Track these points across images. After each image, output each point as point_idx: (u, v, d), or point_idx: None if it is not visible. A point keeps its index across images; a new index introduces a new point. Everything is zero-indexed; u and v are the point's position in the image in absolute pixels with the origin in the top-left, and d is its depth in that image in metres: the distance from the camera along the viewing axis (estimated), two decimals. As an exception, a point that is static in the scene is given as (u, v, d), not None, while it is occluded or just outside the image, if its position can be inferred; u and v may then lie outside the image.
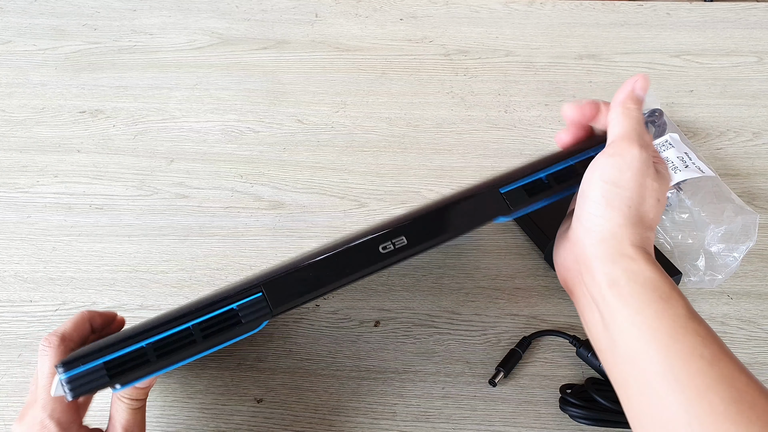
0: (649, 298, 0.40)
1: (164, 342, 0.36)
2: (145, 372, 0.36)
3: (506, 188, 0.45)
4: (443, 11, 0.91)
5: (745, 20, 0.89)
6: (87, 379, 0.34)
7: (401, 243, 0.41)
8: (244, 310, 0.38)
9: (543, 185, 0.46)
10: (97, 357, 0.35)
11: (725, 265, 0.59)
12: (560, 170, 0.46)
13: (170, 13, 0.92)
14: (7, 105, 0.79)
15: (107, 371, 0.35)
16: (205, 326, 0.37)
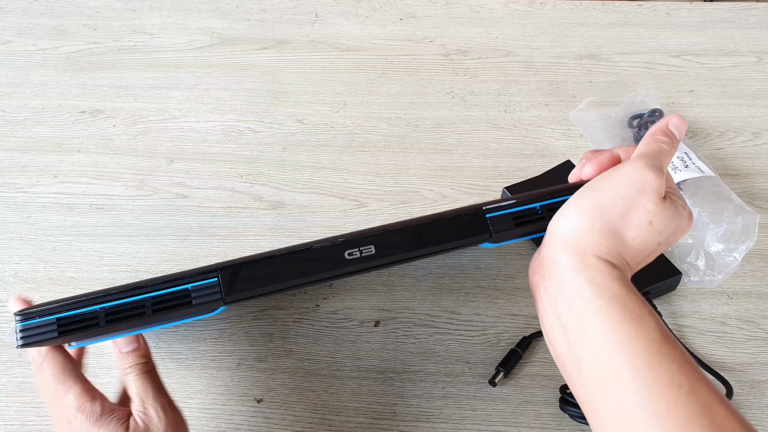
0: (618, 317, 0.37)
1: (116, 309, 0.36)
2: (92, 335, 0.37)
3: (493, 213, 0.42)
4: (443, 11, 0.91)
5: (745, 20, 0.89)
6: (38, 331, 0.36)
7: (369, 252, 0.39)
8: (197, 292, 0.37)
9: (535, 216, 0.42)
10: (52, 313, 0.36)
11: (725, 265, 0.59)
12: (557, 203, 0.42)
13: (170, 13, 0.92)
14: (7, 105, 0.79)
15: (58, 327, 0.36)
16: (157, 301, 0.37)
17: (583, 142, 0.74)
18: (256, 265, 0.38)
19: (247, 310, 0.60)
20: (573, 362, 0.38)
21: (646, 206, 0.39)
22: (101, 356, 0.57)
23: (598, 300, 0.37)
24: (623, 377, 0.35)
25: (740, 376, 0.55)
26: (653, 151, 0.42)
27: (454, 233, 0.41)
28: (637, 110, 0.73)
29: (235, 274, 0.38)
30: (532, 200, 0.42)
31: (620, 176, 0.40)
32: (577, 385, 0.38)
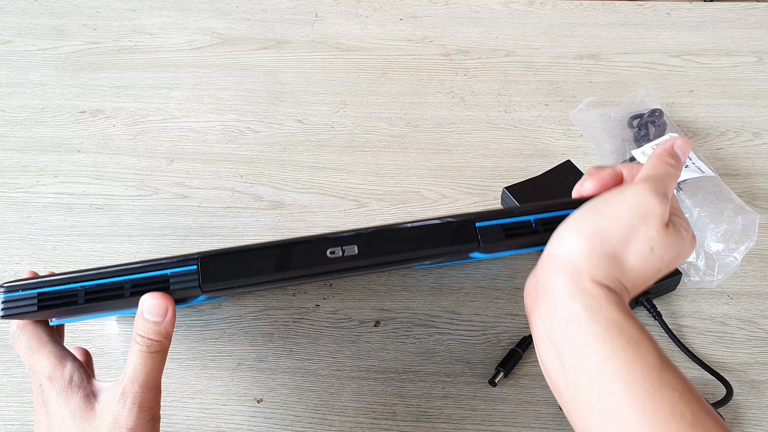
0: (616, 343, 0.35)
1: (96, 289, 0.36)
2: (72, 312, 0.37)
3: (483, 223, 0.40)
4: (443, 11, 0.91)
5: (745, 20, 0.89)
6: (19, 304, 0.36)
7: (351, 252, 0.38)
8: (175, 278, 0.37)
9: (528, 230, 0.41)
10: (34, 287, 0.36)
11: (725, 265, 0.59)
12: (553, 217, 0.41)
13: (170, 13, 0.92)
14: (7, 105, 0.79)
15: (38, 302, 0.36)
16: (136, 284, 0.37)
17: (583, 142, 0.74)
18: (236, 256, 0.37)
19: (248, 310, 0.60)
20: (569, 390, 0.37)
21: (648, 233, 0.38)
22: (101, 356, 0.57)
23: (595, 326, 0.36)
24: (622, 408, 0.34)
25: (740, 376, 0.55)
26: (659, 174, 0.40)
27: (442, 240, 0.39)
28: (637, 110, 0.73)
29: (215, 263, 0.37)
30: (527, 212, 0.41)
31: (623, 200, 0.38)
32: (574, 413, 0.37)
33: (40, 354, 0.39)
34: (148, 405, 0.38)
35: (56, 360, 0.39)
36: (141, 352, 0.38)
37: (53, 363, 0.39)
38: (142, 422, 0.38)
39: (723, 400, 0.52)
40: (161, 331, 0.37)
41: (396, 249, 0.39)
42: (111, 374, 0.56)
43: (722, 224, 0.59)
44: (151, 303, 0.37)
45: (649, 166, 0.42)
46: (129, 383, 0.38)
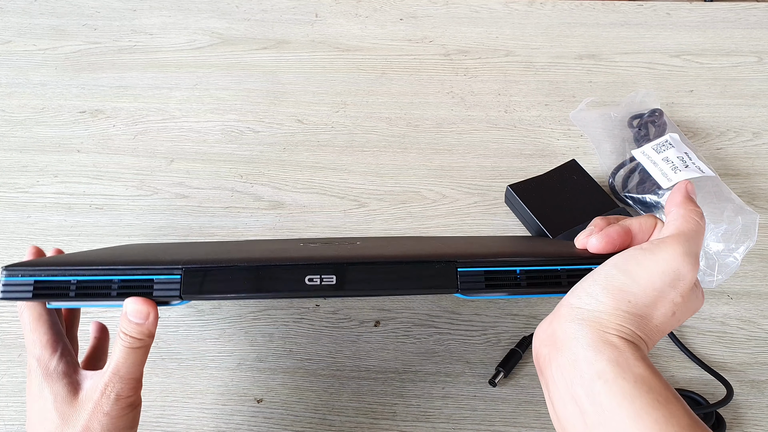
0: (645, 401, 0.34)
1: (86, 284, 0.39)
2: (62, 301, 0.40)
3: (465, 268, 0.40)
4: (443, 11, 0.91)
5: (745, 20, 0.89)
6: (17, 288, 0.38)
7: (329, 281, 0.39)
8: (159, 285, 0.39)
9: (511, 280, 0.40)
10: (32, 274, 0.39)
11: (725, 265, 0.59)
12: (540, 271, 0.40)
13: (170, 13, 0.92)
14: (7, 105, 0.79)
15: (33, 290, 0.39)
16: (123, 285, 0.39)
17: (583, 142, 0.74)
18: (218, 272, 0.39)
19: (248, 310, 0.60)
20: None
21: (675, 299, 0.37)
22: (101, 356, 0.57)
23: (623, 382, 0.34)
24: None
25: (740, 376, 0.55)
26: (690, 232, 0.39)
27: (421, 281, 0.40)
28: (637, 110, 0.73)
29: (199, 276, 0.39)
30: (514, 262, 0.40)
31: (656, 265, 0.37)
32: None
33: (35, 334, 0.42)
34: (125, 394, 0.40)
35: (47, 344, 0.41)
36: (124, 348, 0.40)
37: (44, 346, 0.41)
38: (119, 409, 0.40)
39: (723, 400, 0.52)
40: (143, 331, 0.40)
41: (373, 285, 0.39)
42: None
43: (722, 224, 0.59)
44: (134, 307, 0.39)
45: (677, 221, 0.40)
46: (111, 374, 0.40)
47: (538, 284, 0.40)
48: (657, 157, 0.66)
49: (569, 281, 0.39)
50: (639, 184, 0.65)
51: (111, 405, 0.40)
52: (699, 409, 0.51)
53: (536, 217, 0.62)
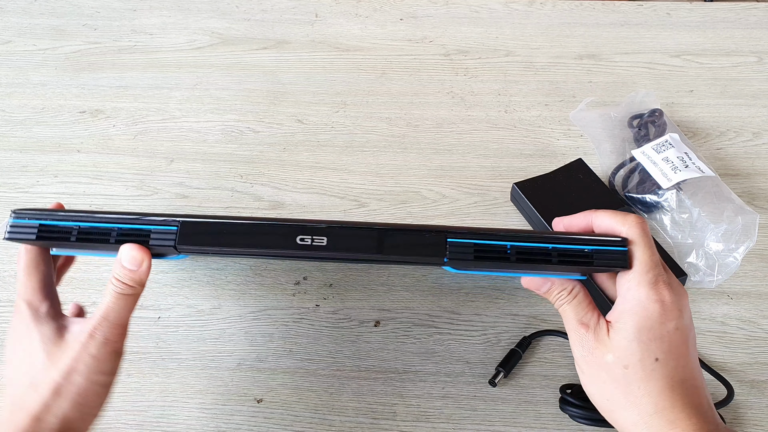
0: None
1: (87, 231, 0.40)
2: (62, 246, 0.41)
3: (455, 239, 0.40)
4: (443, 11, 0.91)
5: (745, 20, 0.89)
6: (22, 230, 0.40)
7: (320, 242, 0.39)
8: (155, 235, 0.40)
9: (501, 255, 0.40)
10: (38, 218, 0.40)
11: (725, 265, 0.59)
12: (531, 248, 0.40)
13: (170, 13, 0.92)
14: (7, 105, 0.79)
15: (37, 232, 0.40)
16: (121, 233, 0.40)
17: (583, 142, 0.74)
18: (213, 226, 0.40)
19: (248, 310, 0.60)
20: None
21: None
22: (101, 356, 0.57)
23: None
24: None
25: (740, 376, 0.55)
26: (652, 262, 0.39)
27: (411, 248, 0.40)
28: (637, 110, 0.73)
29: (193, 229, 0.40)
30: (505, 237, 0.40)
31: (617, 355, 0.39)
32: None
33: (29, 278, 0.42)
34: (112, 339, 0.41)
35: (40, 289, 0.42)
36: (114, 293, 0.41)
37: (35, 290, 0.42)
38: (105, 353, 0.41)
39: (724, 401, 0.52)
40: (135, 278, 0.41)
41: (363, 248, 0.40)
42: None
43: (722, 224, 0.59)
44: (129, 253, 0.40)
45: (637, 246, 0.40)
46: (100, 318, 0.41)
47: (528, 260, 0.40)
48: (657, 157, 0.66)
49: (560, 259, 0.40)
50: (639, 184, 0.65)
51: (98, 348, 0.41)
52: (699, 409, 0.51)
53: (542, 216, 0.62)
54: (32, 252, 0.43)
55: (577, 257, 0.40)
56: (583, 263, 0.40)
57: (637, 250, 0.39)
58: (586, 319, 0.40)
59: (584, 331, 0.40)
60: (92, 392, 0.41)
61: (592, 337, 0.40)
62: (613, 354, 0.38)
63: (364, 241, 0.40)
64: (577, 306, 0.41)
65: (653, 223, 0.64)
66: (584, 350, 0.40)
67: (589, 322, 0.40)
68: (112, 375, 0.42)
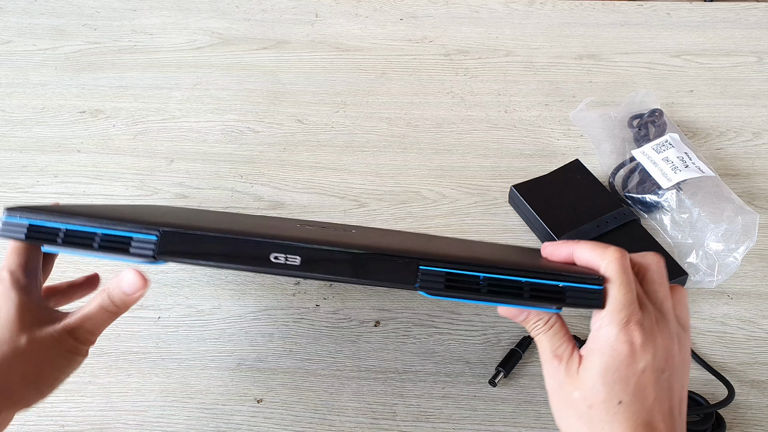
0: None
1: (72, 234, 0.41)
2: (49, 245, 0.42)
3: (427, 267, 0.40)
4: (443, 11, 0.91)
5: (745, 20, 0.89)
6: (13, 228, 0.41)
7: (294, 261, 0.40)
8: (136, 243, 0.41)
9: (472, 285, 0.40)
10: (28, 217, 0.41)
11: (725, 265, 0.59)
12: (503, 280, 0.40)
13: (170, 13, 0.92)
14: (7, 105, 0.79)
15: (27, 232, 0.41)
16: (104, 239, 0.41)
17: (583, 142, 0.74)
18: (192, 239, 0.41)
19: (248, 310, 0.60)
20: None
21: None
22: (101, 356, 0.57)
23: None
24: None
25: (740, 376, 0.55)
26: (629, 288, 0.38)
27: (383, 273, 0.40)
28: (637, 110, 0.73)
29: (174, 239, 0.41)
30: (478, 268, 0.40)
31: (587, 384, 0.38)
32: None
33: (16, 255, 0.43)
34: (82, 339, 0.42)
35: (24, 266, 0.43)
36: (100, 306, 0.42)
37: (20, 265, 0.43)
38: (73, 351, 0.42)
39: (724, 401, 0.52)
40: (126, 301, 0.43)
41: (335, 271, 0.40)
42: (112, 374, 0.56)
43: (722, 224, 0.59)
44: (130, 279, 0.42)
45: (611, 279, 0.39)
46: (79, 320, 0.42)
47: (500, 293, 0.40)
48: (657, 157, 0.66)
49: (531, 294, 0.39)
50: (639, 184, 0.65)
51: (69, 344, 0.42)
52: (699, 410, 0.51)
53: (540, 218, 0.62)
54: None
55: (549, 293, 0.39)
56: (555, 300, 0.39)
57: (612, 289, 0.38)
58: (560, 351, 0.40)
59: (556, 364, 0.39)
60: (46, 377, 0.42)
61: (563, 370, 0.39)
62: (579, 392, 0.38)
63: (336, 263, 0.40)
64: (553, 337, 0.40)
65: (653, 223, 0.64)
66: (555, 383, 0.40)
67: (563, 354, 0.40)
68: (67, 374, 0.43)
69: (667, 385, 0.38)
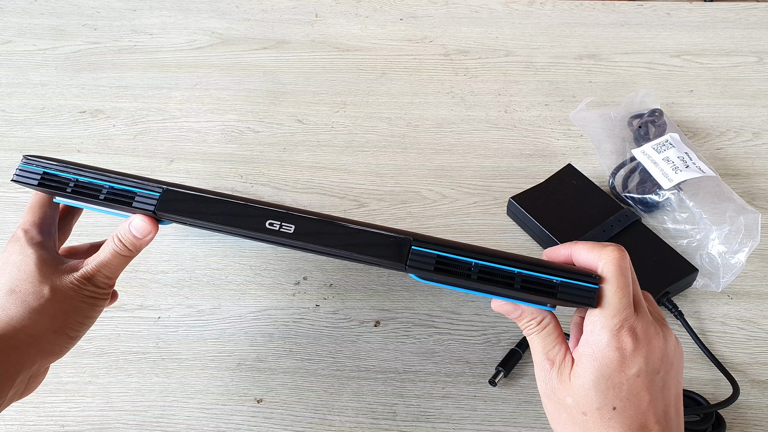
0: None
1: (81, 185, 0.44)
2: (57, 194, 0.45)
3: (419, 247, 0.40)
4: (443, 11, 0.91)
5: (745, 20, 0.89)
6: (27, 175, 0.45)
7: (288, 229, 0.41)
8: (140, 197, 0.43)
9: (462, 270, 0.39)
10: (43, 166, 0.45)
11: (730, 266, 0.58)
12: (496, 269, 0.39)
13: (170, 13, 0.92)
14: (7, 105, 0.79)
15: (40, 179, 0.44)
16: (110, 191, 0.43)
17: (583, 142, 0.74)
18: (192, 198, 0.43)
19: (247, 310, 0.60)
20: None
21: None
22: (101, 356, 0.57)
23: None
24: None
25: (740, 376, 0.55)
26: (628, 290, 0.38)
27: (374, 249, 0.40)
28: (637, 110, 0.73)
29: (175, 198, 0.43)
30: (471, 254, 0.39)
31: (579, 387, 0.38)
32: None
33: (31, 213, 0.46)
34: (101, 284, 0.45)
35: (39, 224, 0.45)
36: (114, 251, 0.44)
37: (34, 223, 0.45)
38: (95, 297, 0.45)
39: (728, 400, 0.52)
40: (136, 245, 0.44)
41: (328, 242, 0.41)
42: (112, 374, 0.56)
43: (725, 225, 0.59)
44: (140, 223, 0.44)
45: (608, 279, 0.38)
46: (95, 265, 0.44)
47: (490, 281, 0.39)
48: (657, 156, 0.65)
49: (522, 285, 0.38)
50: (639, 184, 0.65)
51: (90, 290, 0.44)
52: (699, 409, 0.51)
53: (545, 228, 0.62)
54: (39, 195, 0.47)
55: (541, 286, 0.38)
56: (547, 293, 0.38)
57: (608, 290, 0.37)
58: (553, 354, 0.39)
59: (548, 368, 0.39)
60: (73, 323, 0.44)
61: (555, 375, 0.39)
62: (572, 398, 0.38)
63: (329, 234, 0.41)
64: (546, 338, 0.40)
65: (654, 223, 0.64)
66: (547, 388, 0.39)
67: (555, 357, 0.39)
68: (93, 318, 0.45)
69: (662, 384, 0.38)
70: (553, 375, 0.39)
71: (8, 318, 0.42)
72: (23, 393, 0.44)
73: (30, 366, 0.42)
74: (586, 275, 0.38)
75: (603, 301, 0.37)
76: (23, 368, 0.42)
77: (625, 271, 0.38)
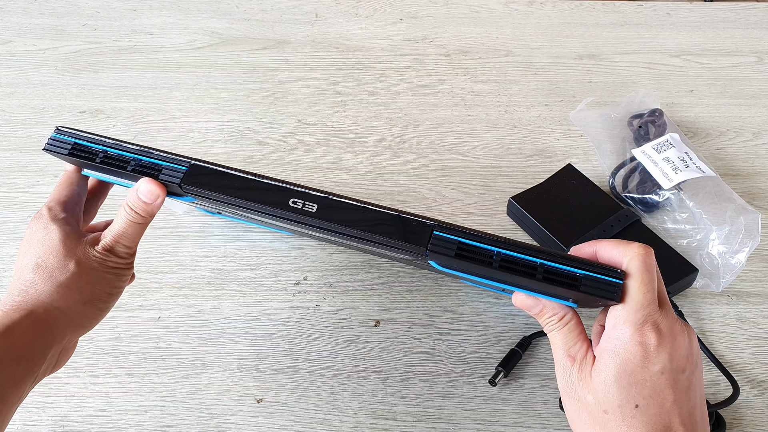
0: None
1: (110, 157, 0.45)
2: (85, 166, 0.46)
3: (442, 233, 0.39)
4: (443, 11, 0.91)
5: (745, 20, 0.89)
6: (59, 144, 0.46)
7: (310, 208, 0.41)
8: (167, 171, 0.44)
9: (484, 258, 0.38)
10: (74, 137, 0.46)
11: (730, 267, 0.58)
12: (517, 259, 0.38)
13: (170, 13, 0.92)
14: (7, 105, 0.79)
15: (70, 149, 0.45)
16: (138, 164, 0.44)
17: (583, 142, 0.74)
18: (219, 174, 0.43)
19: (247, 310, 0.60)
20: None
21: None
22: (101, 356, 0.57)
23: None
24: None
25: (740, 376, 0.55)
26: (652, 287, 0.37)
27: (396, 232, 0.40)
28: (637, 110, 0.73)
29: (201, 172, 0.43)
30: (494, 242, 0.39)
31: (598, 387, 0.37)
32: None
33: (58, 191, 0.47)
34: (122, 254, 0.45)
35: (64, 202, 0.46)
36: (127, 220, 0.45)
37: (60, 201, 0.46)
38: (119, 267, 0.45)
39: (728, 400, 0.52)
40: (147, 210, 0.44)
41: (350, 223, 0.41)
42: (111, 374, 0.56)
43: (725, 225, 0.59)
44: (147, 187, 0.44)
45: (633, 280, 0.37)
46: (113, 237, 0.45)
47: (511, 270, 0.38)
48: (657, 156, 0.65)
49: (545, 276, 0.38)
50: (639, 184, 0.65)
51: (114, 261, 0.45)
52: (699, 409, 0.51)
53: (545, 228, 0.62)
54: (69, 173, 0.47)
55: (563, 278, 0.37)
56: (569, 286, 0.37)
57: (633, 286, 0.36)
58: (574, 350, 0.38)
59: (569, 365, 0.38)
60: (101, 294, 0.44)
61: (576, 372, 0.38)
62: (593, 396, 0.37)
63: (352, 215, 0.41)
64: (567, 334, 0.39)
65: (654, 223, 0.64)
66: (567, 385, 0.39)
67: (576, 354, 0.38)
68: (120, 288, 0.46)
69: (687, 384, 0.37)
70: (574, 372, 0.38)
71: (37, 293, 0.42)
72: (54, 368, 0.44)
73: (61, 340, 0.42)
74: (610, 269, 0.37)
75: (627, 297, 0.36)
76: (54, 342, 0.42)
77: (651, 268, 0.37)
